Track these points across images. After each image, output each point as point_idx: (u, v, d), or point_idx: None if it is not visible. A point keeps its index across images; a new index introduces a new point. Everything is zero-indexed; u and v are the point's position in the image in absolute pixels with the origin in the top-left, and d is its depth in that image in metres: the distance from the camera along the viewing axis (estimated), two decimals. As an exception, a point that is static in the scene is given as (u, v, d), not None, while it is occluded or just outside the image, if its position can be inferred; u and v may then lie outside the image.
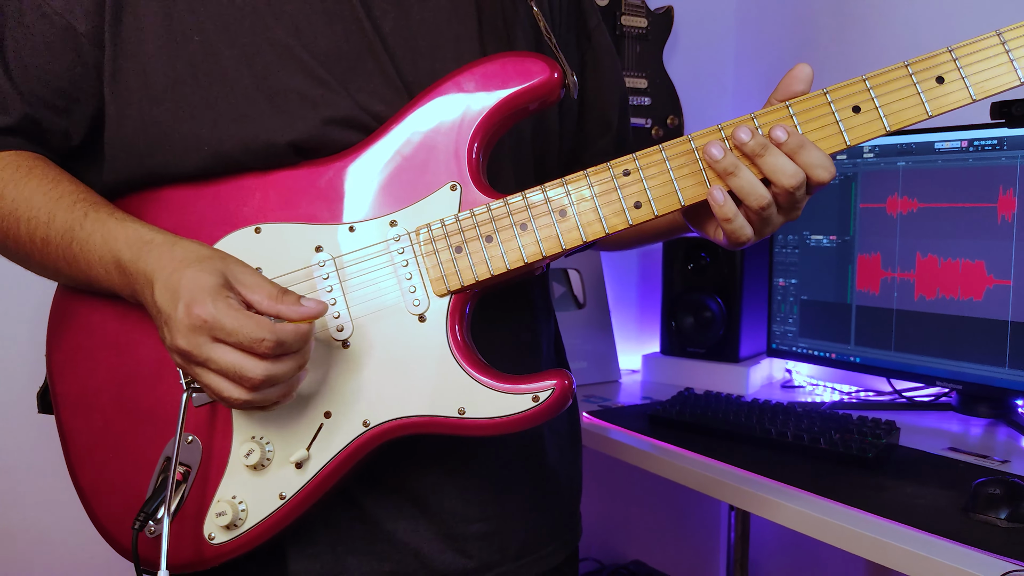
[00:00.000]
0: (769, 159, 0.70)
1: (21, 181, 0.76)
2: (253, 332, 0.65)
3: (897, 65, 0.71)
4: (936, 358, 1.45)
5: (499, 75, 0.75)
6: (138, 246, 0.72)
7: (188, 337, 0.66)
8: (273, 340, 0.66)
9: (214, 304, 0.66)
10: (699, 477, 1.22)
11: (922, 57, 0.71)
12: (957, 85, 0.70)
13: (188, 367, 0.69)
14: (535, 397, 0.73)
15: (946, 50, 0.70)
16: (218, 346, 0.66)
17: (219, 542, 0.76)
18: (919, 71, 0.71)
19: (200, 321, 0.66)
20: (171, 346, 0.68)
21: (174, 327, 0.67)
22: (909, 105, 0.71)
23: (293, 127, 0.76)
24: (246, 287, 0.69)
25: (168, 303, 0.67)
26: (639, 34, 1.88)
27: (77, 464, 0.81)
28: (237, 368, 0.66)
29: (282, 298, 0.69)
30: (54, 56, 0.77)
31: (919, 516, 0.99)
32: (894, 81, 0.71)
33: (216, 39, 0.76)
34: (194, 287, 0.67)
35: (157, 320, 0.70)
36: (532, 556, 0.89)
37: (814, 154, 0.70)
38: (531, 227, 0.75)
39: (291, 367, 0.68)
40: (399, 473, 0.82)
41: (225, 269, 0.69)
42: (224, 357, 0.66)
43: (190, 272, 0.68)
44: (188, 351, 0.67)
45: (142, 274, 0.71)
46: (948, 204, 1.42)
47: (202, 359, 0.67)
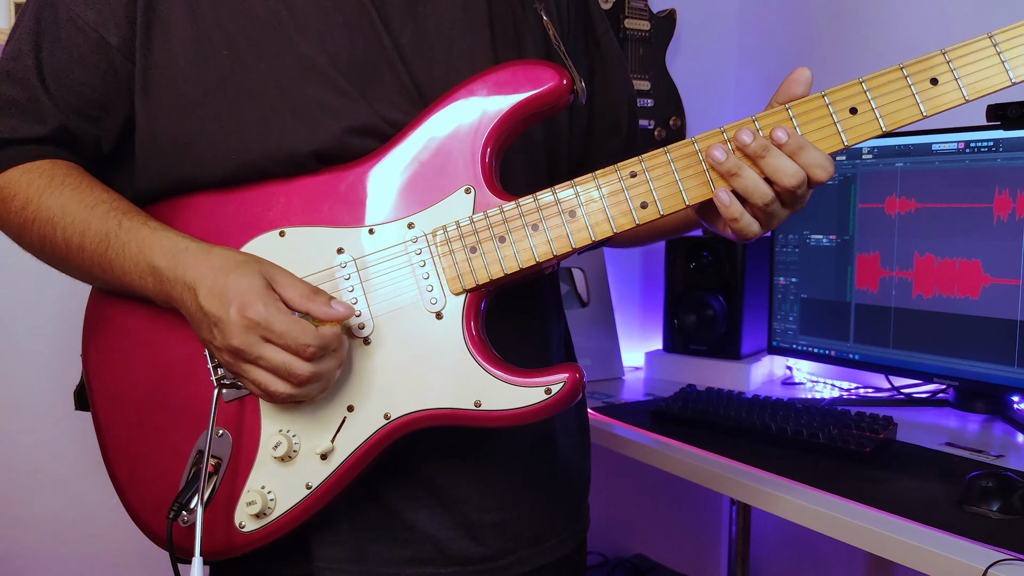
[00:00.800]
0: (771, 160, 0.73)
1: (57, 189, 0.80)
2: (300, 338, 0.70)
3: (892, 68, 0.73)
4: (934, 355, 1.47)
5: (510, 82, 0.78)
6: (173, 254, 0.75)
7: (242, 336, 0.71)
8: (317, 346, 0.71)
9: (265, 307, 0.71)
10: (701, 471, 1.23)
11: (917, 60, 0.73)
12: (951, 86, 0.72)
13: (237, 364, 0.73)
14: (547, 390, 0.76)
15: (940, 52, 0.72)
16: (268, 346, 0.71)
17: (249, 530, 0.79)
18: (914, 73, 0.73)
19: (253, 323, 0.70)
20: (223, 345, 0.72)
21: (227, 328, 0.71)
22: (905, 106, 0.73)
23: (315, 137, 0.79)
24: (281, 286, 0.73)
25: (217, 307, 0.71)
26: (642, 37, 1.90)
27: (113, 458, 0.85)
28: (287, 366, 0.71)
29: (313, 297, 0.73)
30: (87, 68, 0.81)
31: (914, 508, 1.01)
32: (890, 83, 0.73)
33: (245, 53, 0.79)
34: (242, 290, 0.71)
35: (203, 323, 0.73)
36: (544, 544, 0.92)
37: (813, 154, 0.73)
38: (542, 227, 0.78)
39: (333, 366, 0.74)
40: (418, 465, 0.85)
41: (263, 271, 0.73)
42: (275, 356, 0.71)
43: (234, 277, 0.72)
44: (241, 349, 0.71)
45: (180, 281, 0.74)
46: (945, 204, 1.44)
47: (254, 356, 0.71)
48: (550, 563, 0.93)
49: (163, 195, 0.83)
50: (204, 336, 0.74)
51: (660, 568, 2.02)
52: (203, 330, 0.74)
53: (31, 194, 0.80)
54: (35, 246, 0.83)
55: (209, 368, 0.81)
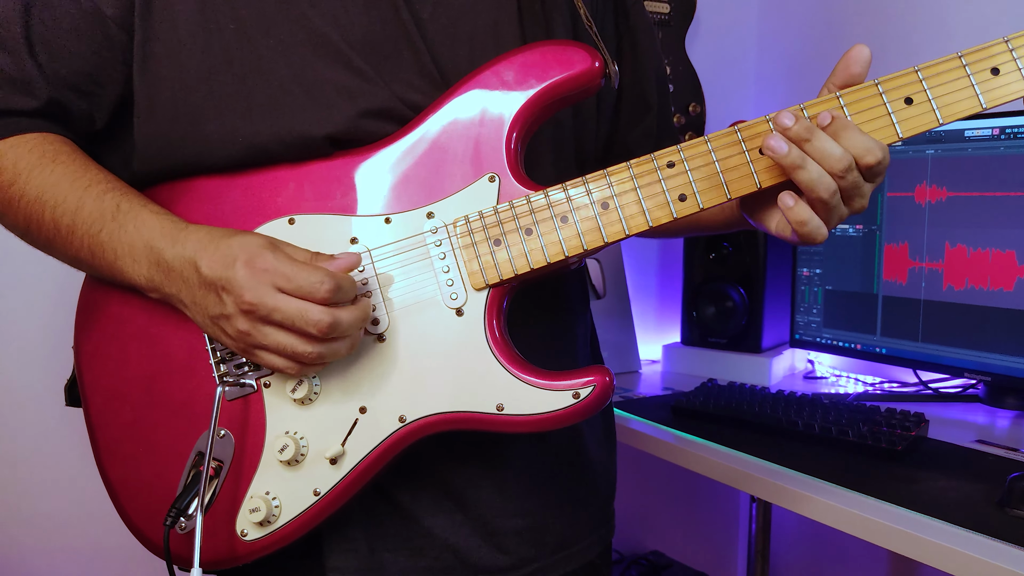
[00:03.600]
0: (816, 144, 0.68)
1: (47, 167, 0.75)
2: (311, 275, 0.67)
3: (950, 56, 0.70)
4: (964, 349, 1.43)
5: (539, 64, 0.74)
6: (173, 234, 0.72)
7: (254, 288, 0.67)
8: (332, 282, 0.67)
9: (273, 256, 0.68)
10: (724, 469, 1.21)
11: (976, 48, 0.69)
12: (1014, 76, 0.68)
13: (254, 327, 0.69)
14: (576, 394, 0.72)
15: (1002, 40, 0.69)
16: (281, 295, 0.67)
17: (252, 538, 0.75)
18: (973, 62, 0.69)
19: (262, 270, 0.67)
20: (235, 307, 0.68)
21: (236, 285, 0.67)
22: (963, 97, 0.69)
23: (330, 120, 0.75)
24: (285, 246, 0.70)
25: (222, 269, 0.68)
26: (661, 20, 1.85)
27: (106, 458, 0.81)
28: (303, 313, 0.67)
29: (316, 257, 0.70)
30: (80, 39, 0.76)
31: (952, 510, 0.98)
32: (947, 72, 0.69)
33: (252, 27, 0.75)
34: (247, 246, 0.68)
35: (208, 297, 0.70)
36: (569, 551, 0.89)
37: (858, 137, 0.68)
38: (572, 219, 0.73)
39: (356, 316, 0.69)
40: (436, 468, 0.81)
41: (265, 235, 0.71)
42: (289, 304, 0.67)
43: (237, 238, 0.69)
44: (254, 303, 0.67)
45: (180, 257, 0.71)
46: (978, 193, 1.40)
47: (268, 309, 0.67)
48: (574, 570, 0.90)
49: (164, 177, 0.79)
50: (212, 311, 0.70)
51: (676, 565, 2.01)
52: (210, 304, 0.70)
53: (20, 170, 0.75)
54: (20, 226, 0.78)
55: (211, 364, 0.77)
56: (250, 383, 0.76)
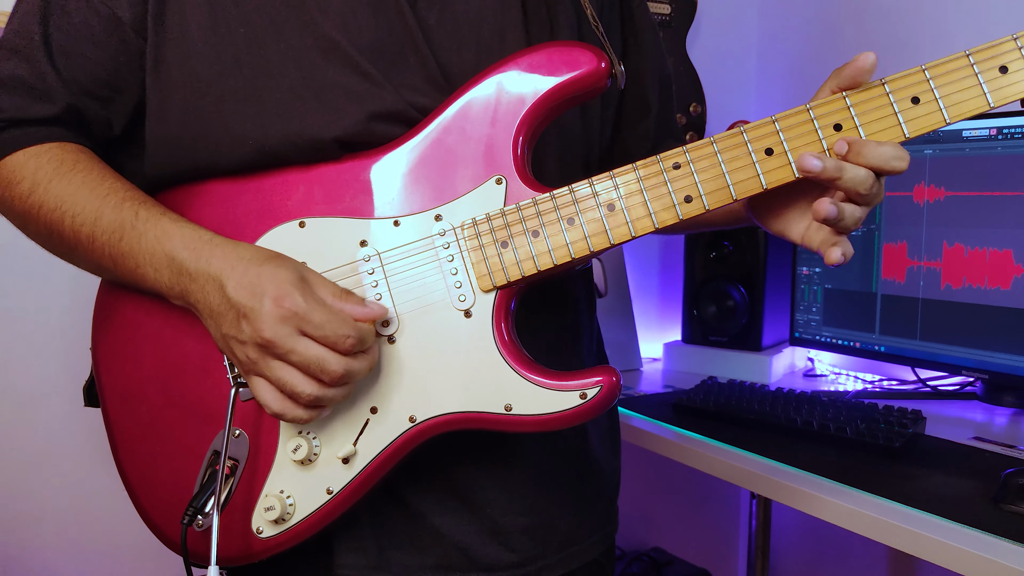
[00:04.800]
0: (847, 176, 0.69)
1: (66, 176, 0.76)
2: (340, 328, 0.67)
3: (958, 55, 0.69)
4: (962, 347, 1.45)
5: (545, 65, 0.74)
6: (197, 245, 0.72)
7: (275, 328, 0.67)
8: (356, 337, 0.68)
9: (303, 298, 0.67)
10: (724, 466, 1.22)
11: (985, 46, 0.68)
12: (1023, 75, 0.68)
13: (262, 360, 0.68)
14: (583, 394, 0.73)
15: (1011, 38, 0.68)
16: (302, 339, 0.67)
17: (267, 536, 0.76)
18: (981, 60, 0.68)
19: (290, 313, 0.67)
20: (252, 337, 0.68)
21: (259, 319, 0.67)
22: (971, 96, 0.69)
23: (339, 123, 0.76)
24: (313, 282, 0.70)
25: (248, 297, 0.68)
26: (663, 20, 1.87)
27: (124, 457, 0.82)
28: (320, 361, 0.67)
29: (346, 296, 0.70)
30: (98, 45, 0.77)
31: (948, 506, 0.99)
32: (955, 71, 0.69)
33: (262, 32, 0.76)
34: (278, 281, 0.68)
35: (227, 316, 0.69)
36: (574, 548, 0.90)
37: (882, 149, 0.69)
38: (578, 221, 0.74)
39: (364, 367, 0.70)
40: (444, 468, 0.82)
41: (296, 265, 0.70)
42: (309, 350, 0.67)
43: (269, 268, 0.69)
44: (272, 341, 0.67)
45: (204, 273, 0.71)
46: (976, 192, 1.41)
47: (284, 350, 0.67)
48: (578, 567, 0.91)
49: (175, 181, 0.80)
50: (227, 331, 0.70)
51: (678, 562, 2.01)
52: (227, 324, 0.70)
53: (39, 179, 0.76)
54: (41, 235, 0.79)
55: (225, 366, 0.77)
56: None
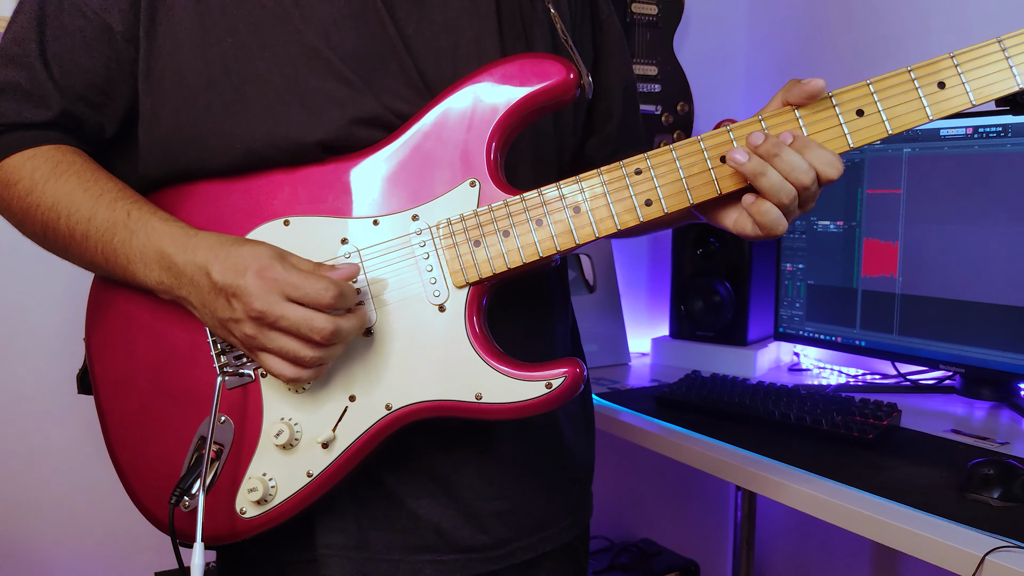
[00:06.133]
0: (785, 158, 0.73)
1: (62, 177, 0.80)
2: (317, 284, 0.72)
3: (900, 71, 0.74)
4: (940, 342, 1.47)
5: (517, 76, 0.78)
6: (183, 241, 0.76)
7: (263, 298, 0.72)
8: (336, 289, 0.72)
9: (282, 267, 0.72)
10: (704, 457, 1.24)
11: (925, 63, 0.73)
12: (958, 90, 0.72)
13: (260, 333, 0.73)
14: (548, 384, 0.77)
15: (948, 56, 0.72)
16: (289, 304, 0.72)
17: (250, 516, 0.80)
18: (921, 76, 0.73)
19: (272, 281, 0.72)
20: (245, 313, 0.73)
21: (246, 293, 0.72)
22: (911, 109, 0.73)
23: (321, 126, 0.80)
24: (292, 257, 0.75)
25: (233, 277, 0.73)
26: (649, 21, 1.89)
27: (115, 442, 0.86)
28: (308, 320, 0.72)
29: (318, 267, 0.75)
30: (91, 54, 0.81)
31: (915, 495, 1.01)
32: (897, 86, 0.73)
33: (248, 42, 0.80)
34: (258, 257, 0.73)
35: (218, 301, 0.74)
36: (546, 532, 0.93)
37: (821, 153, 0.73)
38: (546, 222, 0.78)
39: (355, 324, 0.75)
40: (423, 454, 0.86)
41: (271, 244, 0.75)
42: (296, 312, 0.72)
43: (247, 248, 0.74)
44: (263, 312, 0.72)
45: (191, 263, 0.75)
46: (954, 190, 1.44)
47: (275, 317, 0.72)
48: (552, 550, 0.94)
49: (167, 181, 0.84)
50: (221, 314, 0.74)
51: (666, 552, 2.03)
52: (220, 308, 0.74)
53: (36, 180, 0.80)
54: (38, 233, 0.83)
55: (212, 356, 0.82)
56: (248, 373, 0.81)
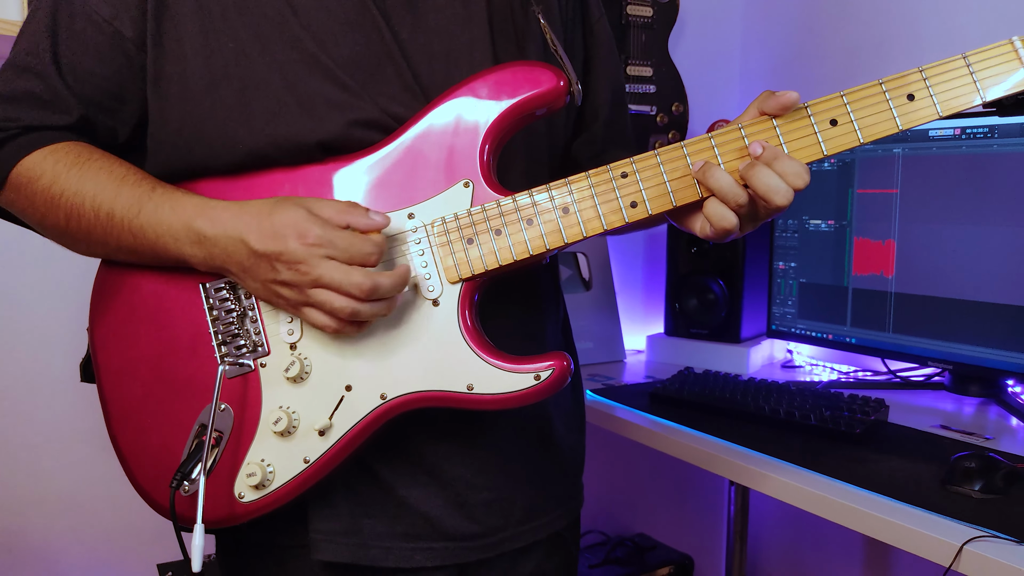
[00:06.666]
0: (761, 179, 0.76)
1: (84, 165, 0.83)
2: (363, 247, 0.76)
3: (872, 83, 0.77)
4: (929, 339, 1.49)
5: (510, 82, 0.82)
6: (209, 212, 0.79)
7: (308, 259, 0.75)
8: (377, 252, 0.76)
9: (321, 228, 0.75)
10: (697, 452, 1.25)
11: (895, 76, 0.77)
12: (926, 103, 0.76)
13: (303, 291, 0.76)
14: (536, 376, 0.80)
15: (917, 70, 0.77)
16: (330, 262, 0.75)
17: (248, 500, 0.83)
18: (892, 88, 0.77)
19: (316, 241, 0.75)
20: (291, 273, 0.76)
21: (292, 255, 0.75)
22: (882, 119, 0.77)
23: (321, 128, 0.82)
24: (318, 208, 0.77)
25: (273, 243, 0.76)
26: (644, 23, 1.91)
27: (117, 429, 0.88)
28: (347, 275, 0.75)
29: (350, 210, 0.78)
30: (104, 61, 0.84)
31: (899, 488, 1.04)
32: (869, 97, 0.77)
33: (249, 47, 0.82)
34: (293, 222, 0.76)
35: (260, 266, 0.77)
36: (536, 522, 0.96)
37: (789, 164, 0.76)
38: (537, 222, 0.81)
39: (394, 281, 0.77)
40: (414, 444, 0.88)
41: (298, 202, 0.78)
42: (338, 269, 0.75)
43: (278, 214, 0.76)
44: (306, 272, 0.75)
45: (224, 236, 0.78)
46: (942, 190, 1.45)
47: (317, 275, 0.75)
48: (541, 540, 0.97)
49: (173, 180, 0.86)
50: (266, 276, 0.77)
51: (661, 547, 2.05)
52: (263, 271, 0.77)
53: (58, 171, 0.82)
54: (60, 225, 0.84)
55: (213, 346, 0.84)
56: (248, 363, 0.84)
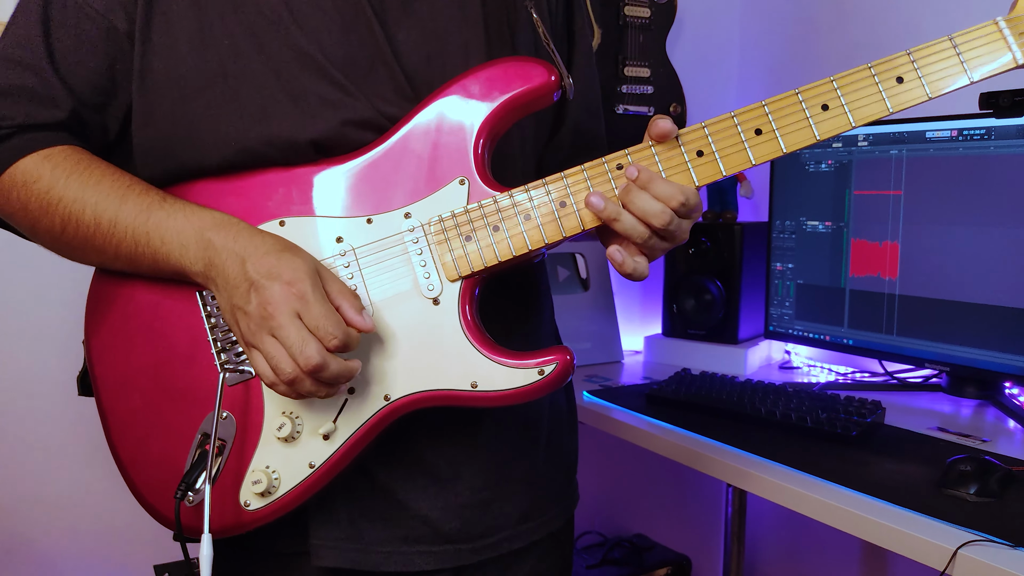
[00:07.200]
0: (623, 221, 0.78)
1: (84, 172, 0.81)
2: (331, 327, 0.74)
3: (861, 67, 0.78)
4: (926, 341, 1.49)
5: (502, 79, 0.82)
6: (225, 225, 0.78)
7: (279, 303, 0.73)
8: (341, 340, 0.74)
9: (312, 287, 0.74)
10: (693, 454, 1.25)
11: (883, 59, 0.78)
12: (915, 84, 0.77)
13: (259, 333, 0.74)
14: (541, 371, 0.80)
15: (905, 53, 0.77)
16: (296, 321, 0.73)
17: (255, 508, 0.82)
18: (881, 72, 0.78)
19: (296, 296, 0.73)
20: (256, 306, 0.74)
21: (268, 292, 0.74)
22: (872, 102, 0.78)
23: (314, 126, 0.82)
24: (325, 277, 0.77)
25: (264, 276, 0.75)
26: (642, 23, 1.91)
27: (118, 442, 0.87)
28: (302, 343, 0.73)
29: (350, 297, 0.77)
30: (97, 55, 0.83)
31: (894, 491, 1.03)
32: (859, 81, 0.78)
33: (245, 45, 0.82)
34: (294, 268, 0.75)
35: (239, 288, 0.75)
36: (532, 522, 0.95)
37: (662, 187, 0.78)
38: (534, 217, 0.81)
39: (341, 369, 0.75)
40: (411, 447, 0.88)
41: (314, 261, 0.78)
42: (298, 331, 0.73)
43: (287, 256, 0.76)
44: (271, 315, 0.73)
45: (228, 249, 0.77)
46: (939, 191, 1.45)
47: (275, 325, 0.73)
48: (539, 540, 0.96)
49: (163, 181, 0.85)
50: (236, 301, 0.76)
51: (659, 547, 2.05)
52: (238, 295, 0.75)
53: (57, 176, 0.81)
54: (55, 230, 0.82)
55: (212, 354, 0.83)
56: (248, 370, 0.83)
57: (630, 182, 0.78)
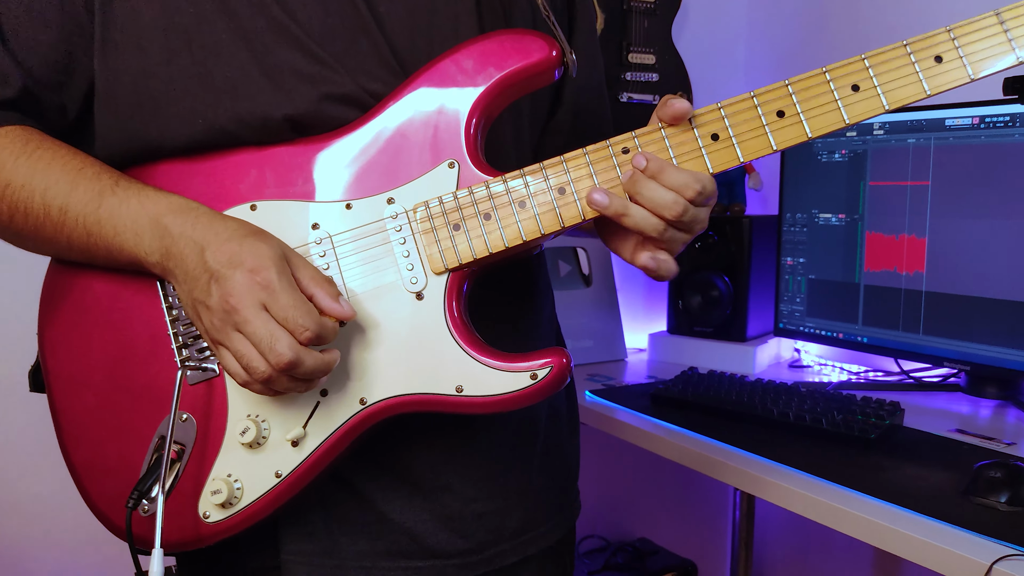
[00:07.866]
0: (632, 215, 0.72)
1: (34, 153, 0.75)
2: (301, 318, 0.67)
3: (896, 45, 0.72)
4: (945, 339, 1.44)
5: (497, 53, 0.75)
6: (182, 211, 0.72)
7: (242, 295, 0.67)
8: (314, 331, 0.67)
9: (278, 275, 0.67)
10: (700, 457, 1.22)
11: (921, 37, 0.71)
12: (955, 64, 0.71)
13: (224, 328, 0.68)
14: (533, 375, 0.73)
15: (945, 30, 0.71)
16: (262, 313, 0.67)
17: (214, 520, 0.76)
18: (918, 51, 0.71)
19: (261, 285, 0.67)
20: (218, 302, 0.67)
21: (230, 284, 0.67)
22: (907, 83, 0.71)
23: (290, 102, 0.76)
24: (294, 264, 0.70)
25: (225, 265, 0.68)
26: (647, 9, 1.86)
27: (70, 443, 0.81)
28: (272, 339, 0.66)
29: (323, 283, 0.70)
30: (50, 27, 0.77)
31: (918, 499, 0.98)
32: (892, 60, 0.71)
33: (212, 13, 0.76)
34: (258, 255, 0.68)
35: (199, 280, 0.69)
36: (529, 535, 0.90)
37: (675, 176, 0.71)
38: (529, 204, 0.75)
39: (317, 364, 0.69)
40: (395, 453, 0.82)
41: (281, 245, 0.70)
42: (264, 326, 0.66)
43: (250, 241, 0.69)
44: (236, 308, 0.67)
45: (186, 237, 0.70)
46: (959, 182, 1.41)
47: (241, 320, 0.67)
48: (534, 554, 0.90)
49: (126, 162, 0.79)
50: (197, 295, 0.70)
51: (663, 552, 2.02)
52: (198, 288, 0.69)
53: (4, 158, 0.75)
54: (3, 218, 0.77)
55: (172, 349, 0.77)
56: (212, 367, 0.77)
57: (637, 171, 0.72)
